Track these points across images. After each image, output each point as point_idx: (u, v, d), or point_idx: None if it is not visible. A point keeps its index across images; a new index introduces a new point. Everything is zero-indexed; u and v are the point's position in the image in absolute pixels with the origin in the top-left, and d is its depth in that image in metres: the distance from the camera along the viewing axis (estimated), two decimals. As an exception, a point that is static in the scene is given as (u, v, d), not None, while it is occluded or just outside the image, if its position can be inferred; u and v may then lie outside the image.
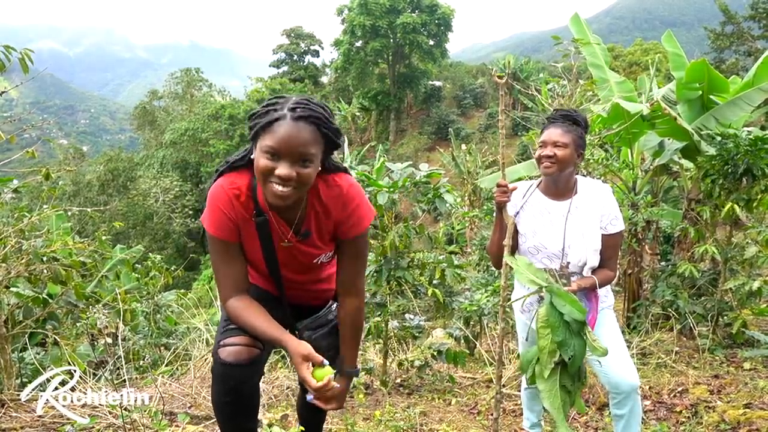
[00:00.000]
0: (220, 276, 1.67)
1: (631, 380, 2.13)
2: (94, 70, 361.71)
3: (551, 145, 2.20)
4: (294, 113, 1.46)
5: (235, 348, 1.62)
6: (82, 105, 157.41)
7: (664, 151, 5.00)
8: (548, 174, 2.23)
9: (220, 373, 1.64)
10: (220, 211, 1.60)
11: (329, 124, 1.52)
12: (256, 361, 1.66)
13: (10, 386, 2.93)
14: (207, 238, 1.68)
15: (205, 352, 4.11)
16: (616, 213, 2.22)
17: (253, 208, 1.62)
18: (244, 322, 1.63)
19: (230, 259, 1.66)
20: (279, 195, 1.47)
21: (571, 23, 6.16)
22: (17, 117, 3.90)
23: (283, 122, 1.45)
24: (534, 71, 36.10)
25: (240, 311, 1.64)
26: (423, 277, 3.88)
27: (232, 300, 1.65)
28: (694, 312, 4.40)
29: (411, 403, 3.46)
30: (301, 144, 1.45)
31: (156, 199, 28.23)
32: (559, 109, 2.34)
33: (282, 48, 45.05)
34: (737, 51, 21.87)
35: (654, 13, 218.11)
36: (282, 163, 1.45)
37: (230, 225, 1.62)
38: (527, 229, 2.28)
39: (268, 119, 1.47)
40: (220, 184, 1.62)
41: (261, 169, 1.48)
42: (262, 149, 1.47)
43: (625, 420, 2.19)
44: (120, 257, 4.91)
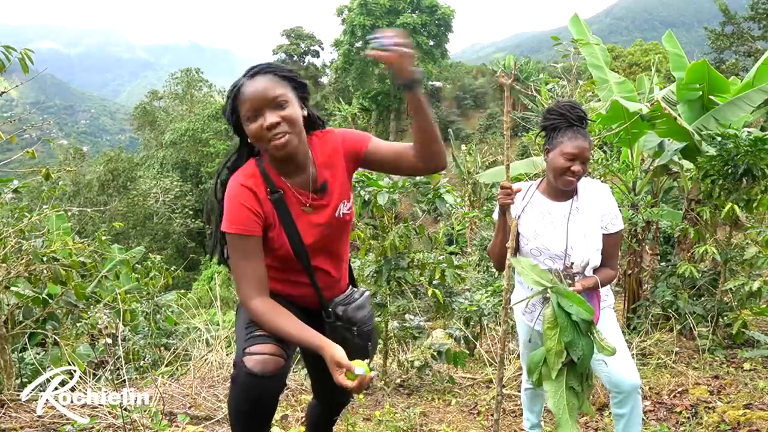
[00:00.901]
0: (241, 275, 1.63)
1: (633, 379, 2.12)
2: (94, 70, 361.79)
3: (581, 161, 2.09)
4: (248, 74, 1.63)
5: (262, 357, 1.56)
6: (82, 105, 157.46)
7: (664, 151, 5.00)
8: (568, 188, 2.17)
9: (244, 382, 1.57)
10: (241, 205, 1.61)
11: (283, 68, 1.65)
12: (282, 373, 1.61)
13: (10, 386, 2.93)
14: (228, 243, 1.65)
15: (205, 353, 4.12)
16: (615, 212, 2.21)
17: (266, 188, 1.65)
18: (272, 325, 1.59)
19: (252, 256, 1.63)
20: (279, 144, 1.56)
21: (571, 24, 6.16)
22: (17, 117, 3.90)
23: (244, 86, 1.60)
24: (534, 72, 36.09)
25: (267, 312, 1.60)
26: (423, 277, 3.88)
27: (256, 300, 1.61)
28: (694, 312, 4.40)
29: (411, 403, 3.46)
30: (266, 90, 1.57)
31: (156, 200, 28.22)
32: (573, 106, 2.17)
33: (282, 48, 45.05)
34: (737, 51, 21.88)
35: (654, 14, 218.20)
36: (264, 116, 1.56)
37: (252, 217, 1.62)
38: (529, 231, 2.26)
39: (233, 92, 1.61)
40: (235, 181, 1.65)
41: (254, 134, 1.58)
42: (244, 119, 1.59)
43: (626, 419, 2.19)
44: (120, 257, 4.91)
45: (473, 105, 43.65)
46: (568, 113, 2.14)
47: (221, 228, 1.65)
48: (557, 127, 2.16)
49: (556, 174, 2.14)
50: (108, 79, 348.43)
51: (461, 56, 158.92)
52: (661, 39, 6.01)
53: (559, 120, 2.16)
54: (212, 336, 4.44)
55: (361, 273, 3.72)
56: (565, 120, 2.14)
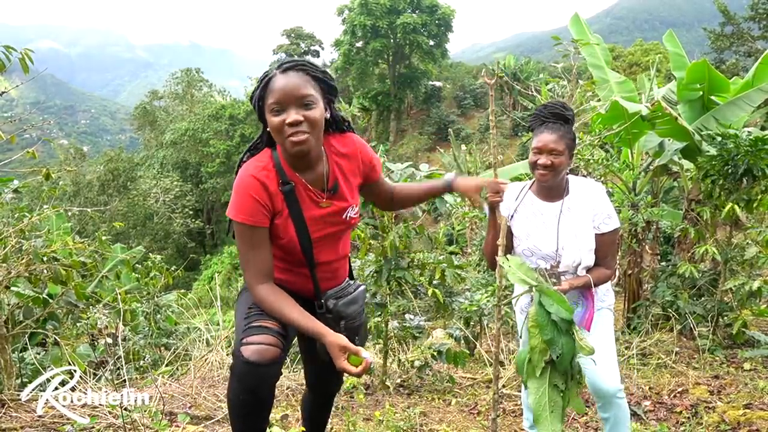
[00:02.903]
0: (248, 262, 1.69)
1: (611, 385, 2.09)
2: (94, 70, 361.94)
3: (547, 153, 2.14)
4: (282, 67, 1.64)
5: (260, 347, 1.61)
6: (82, 105, 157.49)
7: (664, 151, 5.00)
8: (544, 182, 2.20)
9: (241, 371, 1.61)
10: (251, 197, 1.64)
11: (317, 68, 1.67)
12: (278, 362, 1.65)
13: (10, 386, 2.93)
14: (234, 229, 1.70)
15: (205, 353, 4.12)
16: (608, 212, 2.20)
17: (278, 179, 1.68)
18: (276, 310, 1.66)
19: (258, 245, 1.68)
20: (296, 142, 1.58)
21: (571, 23, 6.16)
22: (17, 117, 3.90)
23: (275, 78, 1.62)
24: (534, 72, 36.07)
25: (271, 297, 1.67)
26: (423, 277, 3.88)
27: (262, 286, 1.68)
28: (694, 312, 4.40)
29: (411, 403, 3.46)
30: (296, 88, 1.59)
31: (156, 200, 28.24)
32: (549, 104, 2.23)
33: (282, 48, 45.06)
34: (737, 51, 21.89)
35: (654, 14, 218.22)
36: (288, 112, 1.58)
37: (261, 210, 1.66)
38: (521, 232, 2.27)
39: (263, 83, 1.64)
40: (247, 171, 1.68)
41: (274, 127, 1.60)
42: (269, 109, 1.61)
43: (611, 423, 2.17)
44: (121, 257, 4.91)
45: (473, 105, 43.59)
46: (541, 112, 2.22)
47: (227, 213, 1.70)
48: (534, 127, 2.24)
49: (531, 170, 2.22)
50: (108, 79, 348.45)
51: (461, 56, 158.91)
52: (662, 39, 6.00)
53: (534, 121, 2.24)
54: (212, 336, 4.44)
55: (361, 273, 3.72)
56: (538, 119, 2.22)
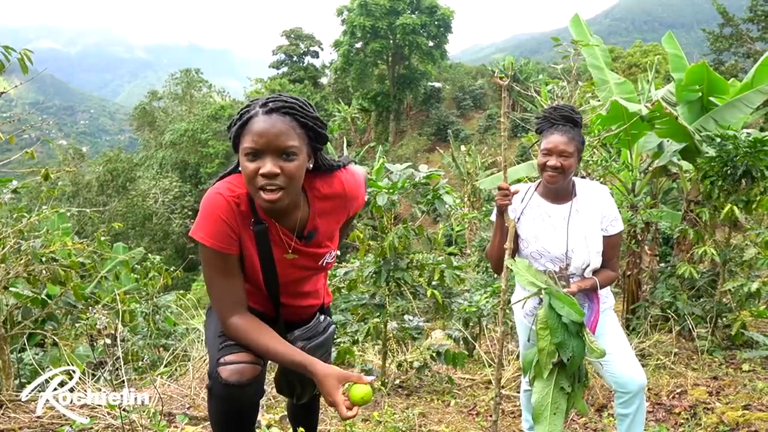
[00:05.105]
0: (218, 293, 1.53)
1: (639, 379, 2.14)
2: (93, 70, 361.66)
3: (557, 155, 2.12)
4: (265, 107, 1.43)
5: (238, 366, 1.50)
6: (81, 105, 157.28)
7: (663, 152, 5.01)
8: (552, 184, 2.18)
9: (220, 394, 1.51)
10: (220, 219, 1.47)
11: (306, 112, 1.46)
12: (259, 379, 1.56)
13: (8, 387, 2.93)
14: (201, 252, 1.51)
15: (204, 353, 4.11)
16: (615, 214, 2.21)
17: (252, 216, 1.52)
18: (254, 344, 1.50)
19: (230, 273, 1.53)
20: (268, 199, 1.40)
21: (571, 24, 6.16)
22: (17, 117, 3.90)
23: (256, 118, 1.42)
24: (533, 73, 36.09)
25: (247, 331, 1.51)
26: (422, 278, 3.88)
27: (235, 318, 1.52)
28: (693, 313, 4.40)
29: (410, 404, 3.46)
30: (278, 135, 1.39)
31: (155, 200, 28.21)
32: (558, 106, 2.25)
33: (282, 49, 45.02)
34: (736, 53, 21.92)
35: (653, 15, 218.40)
36: (264, 160, 1.39)
37: (231, 235, 1.49)
38: (529, 234, 2.26)
39: (242, 120, 1.44)
40: (217, 190, 1.50)
41: (247, 174, 1.42)
42: (243, 153, 1.42)
43: (630, 419, 2.20)
44: (121, 258, 4.91)
45: (473, 106, 43.61)
46: (550, 114, 2.22)
47: (191, 233, 1.50)
48: (543, 129, 2.24)
49: (540, 172, 2.21)
50: (107, 79, 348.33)
51: (461, 57, 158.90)
52: (661, 40, 6.01)
53: (543, 123, 2.24)
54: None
55: (360, 273, 3.72)
56: (548, 121, 2.22)
